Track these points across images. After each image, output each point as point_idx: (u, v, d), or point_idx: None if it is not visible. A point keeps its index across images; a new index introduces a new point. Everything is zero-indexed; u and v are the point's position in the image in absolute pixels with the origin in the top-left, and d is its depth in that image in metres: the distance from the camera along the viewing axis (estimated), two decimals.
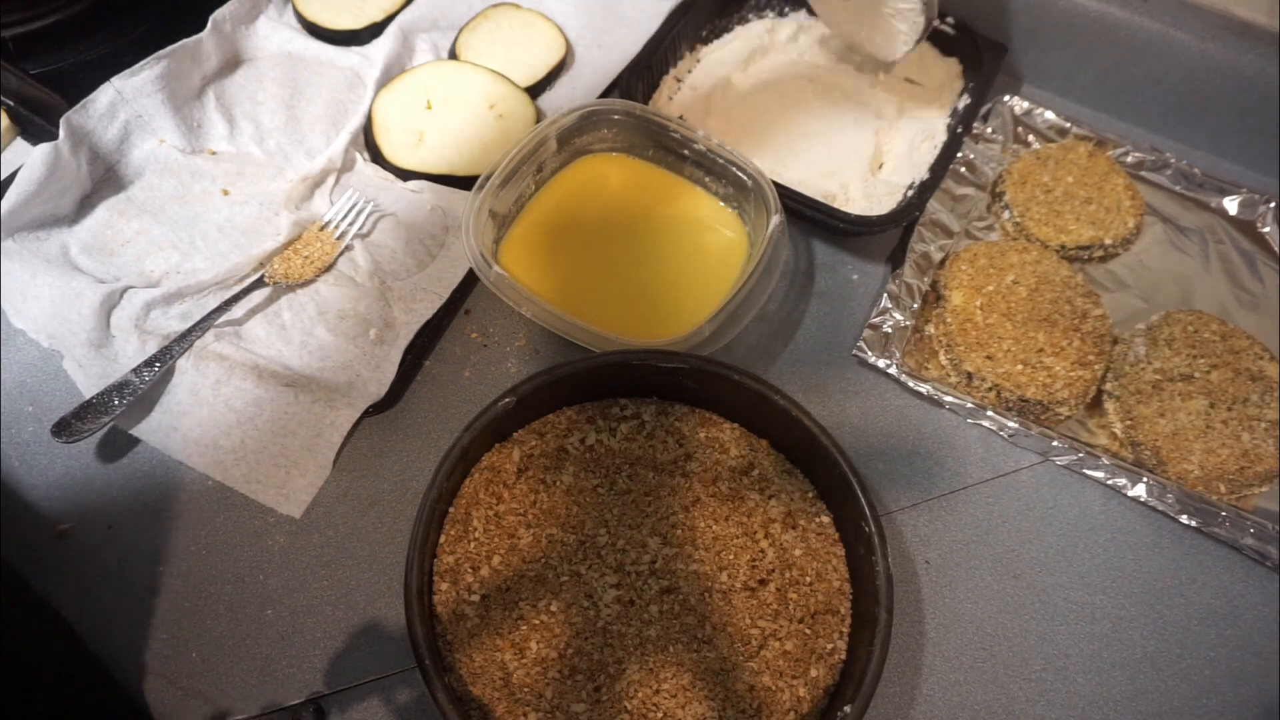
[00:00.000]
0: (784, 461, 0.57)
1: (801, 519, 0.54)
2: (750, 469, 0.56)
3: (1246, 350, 0.65)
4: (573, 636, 0.50)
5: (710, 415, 0.58)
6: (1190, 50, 0.76)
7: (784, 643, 0.50)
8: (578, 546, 0.52)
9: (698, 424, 0.57)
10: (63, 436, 0.56)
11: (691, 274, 0.66)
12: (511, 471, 0.54)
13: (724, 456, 0.56)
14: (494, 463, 0.54)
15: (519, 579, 0.51)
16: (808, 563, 0.53)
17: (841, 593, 0.53)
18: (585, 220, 0.68)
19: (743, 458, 0.56)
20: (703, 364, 0.54)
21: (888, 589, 0.49)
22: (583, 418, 0.57)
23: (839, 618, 0.52)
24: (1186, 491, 0.60)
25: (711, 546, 0.53)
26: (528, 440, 0.56)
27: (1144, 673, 0.56)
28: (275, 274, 0.63)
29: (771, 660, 0.50)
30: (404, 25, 0.76)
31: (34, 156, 0.62)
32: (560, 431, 0.56)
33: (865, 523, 0.51)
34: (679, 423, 0.57)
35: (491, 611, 0.50)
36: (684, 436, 0.57)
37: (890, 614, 0.49)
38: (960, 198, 0.73)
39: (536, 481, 0.54)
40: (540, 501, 0.54)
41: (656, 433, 0.57)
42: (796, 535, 0.54)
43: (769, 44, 0.81)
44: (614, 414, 0.57)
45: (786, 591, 0.52)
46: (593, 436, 0.56)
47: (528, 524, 0.53)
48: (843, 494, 0.53)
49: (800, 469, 0.57)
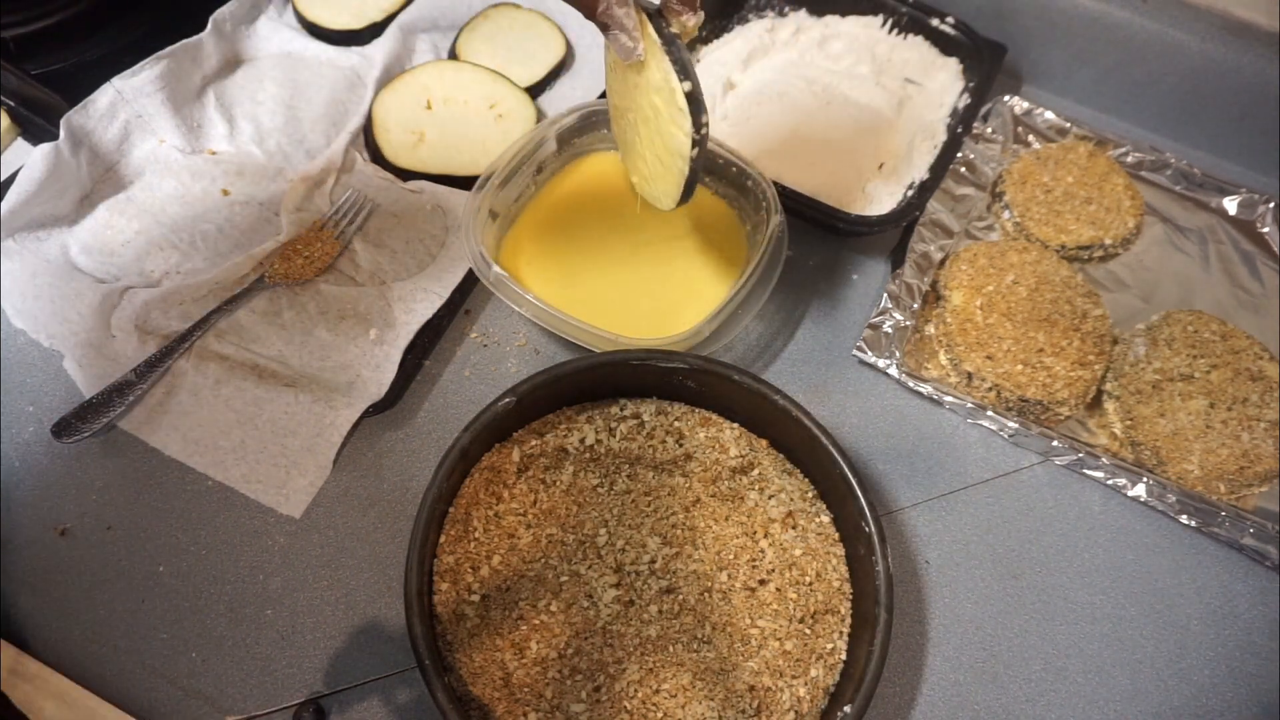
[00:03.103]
0: (784, 461, 0.57)
1: (801, 519, 0.54)
2: (750, 469, 0.56)
3: (1246, 350, 0.65)
4: (572, 636, 0.50)
5: (710, 415, 0.58)
6: (1190, 50, 0.76)
7: (784, 643, 0.50)
8: (577, 546, 0.52)
9: (697, 424, 0.57)
10: (63, 436, 0.56)
11: (691, 274, 0.66)
12: (511, 471, 0.54)
13: (724, 456, 0.56)
14: (494, 463, 0.54)
15: (519, 579, 0.51)
16: (808, 563, 0.53)
17: (841, 593, 0.53)
18: (585, 220, 0.68)
19: (743, 457, 0.56)
20: (702, 364, 0.54)
21: (888, 589, 0.49)
22: (582, 417, 0.57)
23: (839, 618, 0.52)
24: (1186, 491, 0.60)
25: (711, 546, 0.53)
26: (527, 440, 0.55)
27: (1144, 672, 0.56)
28: (275, 274, 0.63)
29: (771, 660, 0.50)
30: (404, 25, 0.76)
31: (34, 156, 0.62)
32: (560, 431, 0.56)
33: (865, 522, 0.51)
34: (679, 422, 0.57)
35: (491, 611, 0.50)
36: (684, 436, 0.57)
37: (890, 614, 0.48)
38: (960, 198, 0.73)
39: (536, 481, 0.54)
40: (540, 501, 0.54)
41: (656, 432, 0.57)
42: (796, 535, 0.53)
43: (769, 44, 0.81)
44: (614, 414, 0.57)
45: (786, 591, 0.52)
46: (592, 436, 0.56)
47: (527, 524, 0.53)
48: (843, 493, 0.53)
49: (800, 469, 0.56)
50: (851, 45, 0.81)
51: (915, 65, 0.80)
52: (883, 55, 0.81)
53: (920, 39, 0.81)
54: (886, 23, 0.82)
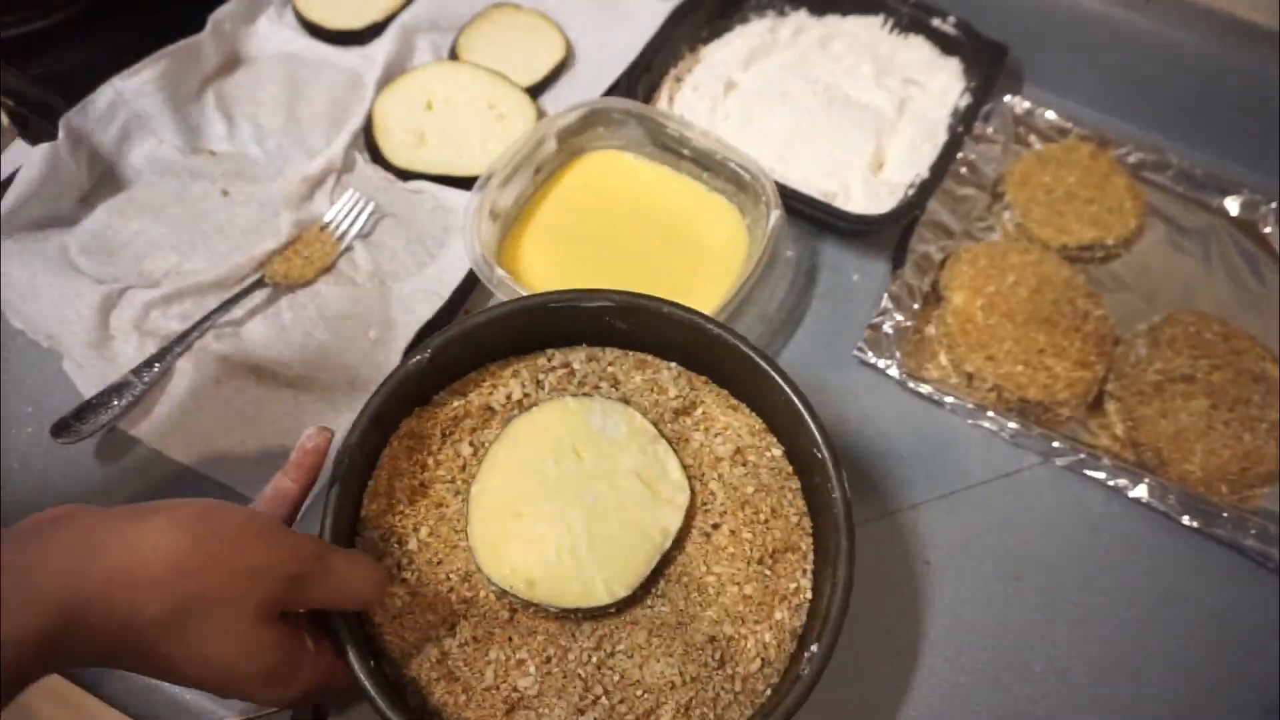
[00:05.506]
0: (728, 398, 0.53)
1: (751, 454, 0.51)
2: (692, 408, 0.52)
3: (1248, 351, 0.64)
4: (515, 610, 0.47)
5: (645, 357, 0.54)
6: (1192, 50, 0.75)
7: (743, 587, 0.47)
8: None
9: (632, 366, 0.53)
10: (63, 436, 0.56)
11: (692, 271, 0.66)
12: (435, 436, 0.51)
13: (663, 398, 0.52)
14: (413, 428, 0.50)
15: (451, 550, 0.48)
16: (761, 500, 0.49)
17: (801, 528, 0.49)
18: (585, 219, 0.68)
19: (683, 397, 0.52)
20: (629, 299, 0.51)
21: (846, 515, 0.46)
22: (506, 372, 0.53)
23: (800, 554, 0.49)
24: (1188, 492, 0.60)
25: None
26: (450, 401, 0.51)
27: (1144, 674, 0.56)
28: (275, 274, 0.63)
29: (731, 607, 0.47)
30: (404, 25, 0.76)
31: (33, 157, 0.62)
32: (484, 390, 0.52)
33: (817, 449, 0.47)
34: (611, 367, 0.53)
35: (423, 588, 0.47)
36: (618, 381, 0.53)
37: (852, 542, 0.45)
38: (961, 198, 0.73)
39: (462, 444, 0.51)
40: (468, 466, 0.50)
41: (588, 379, 0.53)
42: (747, 472, 0.50)
43: (769, 44, 0.80)
44: (540, 365, 0.53)
45: (741, 532, 0.48)
46: (519, 390, 0.52)
47: (456, 490, 0.49)
48: (793, 423, 0.49)
49: (746, 403, 0.53)
50: (852, 45, 0.81)
51: (916, 65, 0.80)
52: (884, 55, 0.81)
53: (921, 39, 0.81)
54: (887, 23, 0.82)
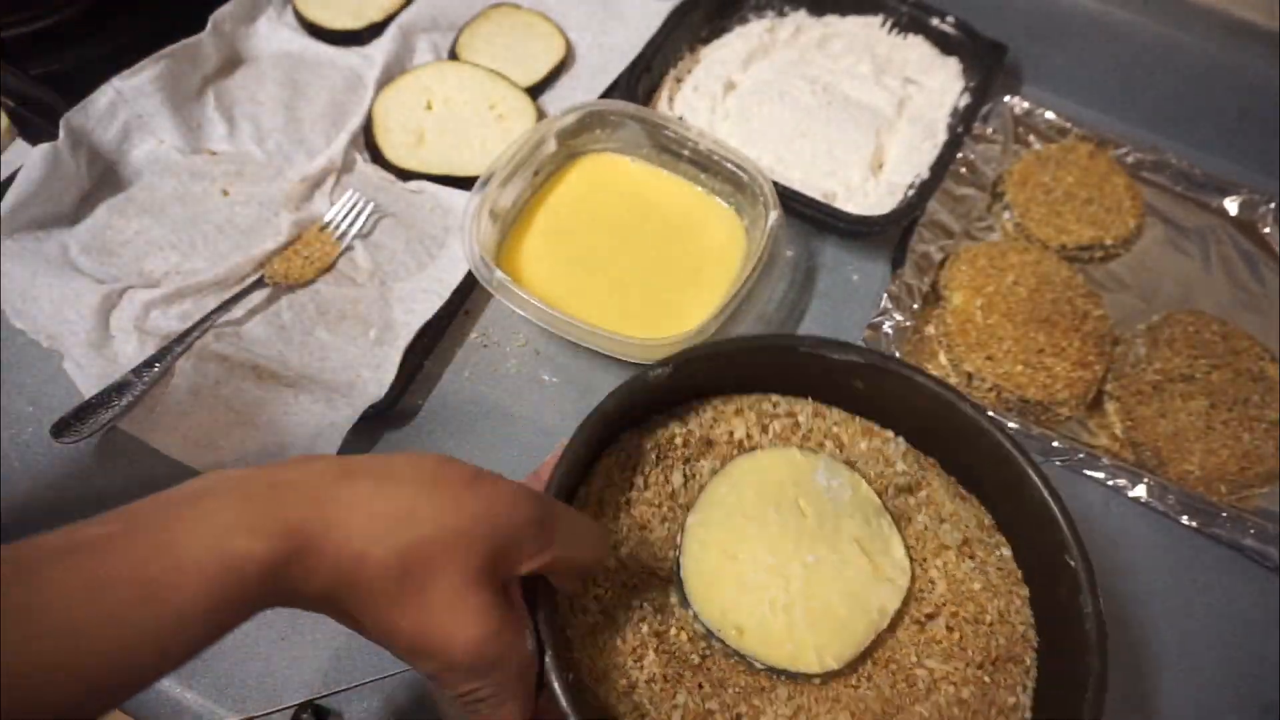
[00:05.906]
0: (956, 485, 0.50)
1: (979, 549, 0.47)
2: (917, 488, 0.49)
3: (1247, 351, 0.65)
4: (705, 655, 0.43)
5: (871, 425, 0.51)
6: (1191, 50, 0.76)
7: (959, 689, 0.43)
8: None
9: (858, 432, 0.50)
10: (63, 436, 0.55)
11: (692, 272, 0.66)
12: (650, 458, 0.48)
13: (889, 470, 0.49)
14: (630, 443, 0.48)
15: (648, 576, 0.45)
16: (987, 600, 0.45)
17: (1026, 640, 0.45)
18: (585, 220, 0.68)
19: (909, 474, 0.49)
20: (881, 360, 0.48)
21: (1099, 634, 0.42)
22: (730, 408, 0.50)
23: (1023, 669, 0.45)
24: (1187, 492, 0.60)
25: None
26: (668, 425, 0.49)
27: (1144, 674, 0.56)
28: (275, 274, 0.63)
29: (945, 708, 0.43)
30: (404, 25, 0.76)
31: (33, 157, 0.62)
32: (705, 421, 0.50)
33: (1069, 557, 0.43)
34: (837, 428, 0.50)
35: (616, 610, 0.43)
36: (843, 444, 0.50)
37: (1105, 666, 0.41)
38: (960, 198, 0.73)
39: (675, 470, 0.48)
40: (678, 494, 0.47)
41: (812, 435, 0.50)
42: (975, 566, 0.46)
43: (769, 44, 0.81)
44: (766, 410, 0.50)
45: (961, 630, 0.45)
46: (742, 430, 0.49)
47: (662, 517, 0.47)
48: (1036, 523, 0.45)
49: (975, 495, 0.50)
50: (851, 45, 0.81)
51: (915, 65, 0.80)
52: (883, 55, 0.81)
53: (920, 38, 0.81)
54: (886, 22, 0.82)
